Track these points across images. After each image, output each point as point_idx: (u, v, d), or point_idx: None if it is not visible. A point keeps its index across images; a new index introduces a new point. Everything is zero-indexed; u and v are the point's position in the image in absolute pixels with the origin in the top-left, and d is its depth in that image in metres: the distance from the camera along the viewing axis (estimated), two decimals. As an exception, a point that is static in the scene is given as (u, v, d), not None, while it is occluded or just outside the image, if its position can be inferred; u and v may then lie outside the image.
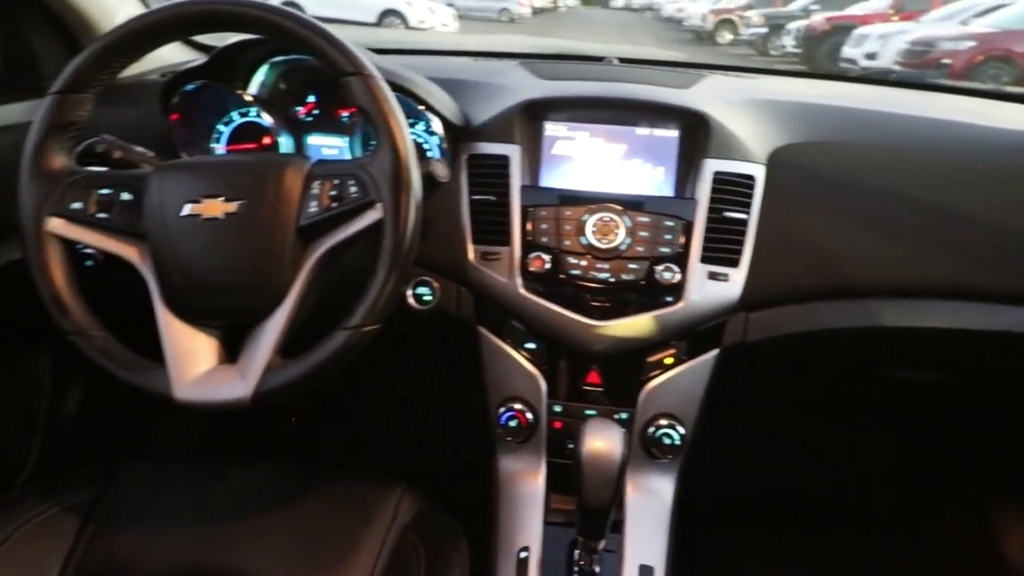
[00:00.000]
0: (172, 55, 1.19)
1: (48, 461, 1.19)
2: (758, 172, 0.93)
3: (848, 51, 7.30)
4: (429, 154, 1.01)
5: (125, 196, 0.75)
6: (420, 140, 1.01)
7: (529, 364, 0.95)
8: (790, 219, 0.92)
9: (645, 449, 0.94)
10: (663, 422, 0.93)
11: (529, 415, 0.95)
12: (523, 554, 0.88)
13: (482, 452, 1.00)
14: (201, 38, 1.26)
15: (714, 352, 0.94)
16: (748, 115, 1.00)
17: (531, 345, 0.95)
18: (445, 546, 0.86)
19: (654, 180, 0.97)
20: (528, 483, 0.96)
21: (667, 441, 0.93)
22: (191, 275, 0.73)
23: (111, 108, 0.80)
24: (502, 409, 0.95)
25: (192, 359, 0.74)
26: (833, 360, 1.07)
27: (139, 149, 0.87)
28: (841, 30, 7.87)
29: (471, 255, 0.93)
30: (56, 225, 0.73)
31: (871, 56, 6.84)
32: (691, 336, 0.93)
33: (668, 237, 0.90)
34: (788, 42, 9.14)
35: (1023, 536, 1.25)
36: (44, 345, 1.17)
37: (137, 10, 1.01)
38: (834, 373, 1.12)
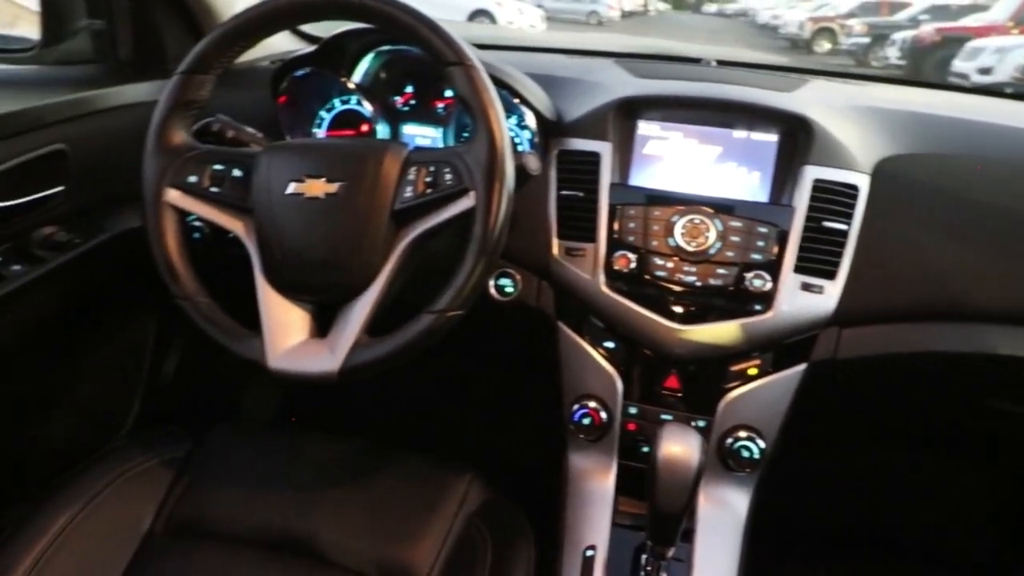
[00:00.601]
0: (281, 44, 1.25)
1: (146, 417, 1.27)
2: (862, 182, 0.88)
3: (959, 64, 6.83)
4: (519, 148, 1.02)
5: (236, 172, 0.79)
6: (512, 134, 1.02)
7: (606, 363, 0.94)
8: (895, 233, 0.88)
9: (721, 460, 0.92)
10: (742, 434, 0.90)
11: (603, 414, 0.94)
12: (589, 552, 0.87)
13: (553, 447, 1.00)
14: (307, 28, 1.33)
15: (801, 367, 0.90)
16: (854, 122, 0.96)
17: (610, 344, 0.94)
18: (511, 536, 0.86)
19: (748, 185, 0.94)
20: (598, 482, 0.95)
21: (745, 454, 0.90)
22: (291, 250, 0.76)
23: (225, 91, 0.85)
24: (576, 406, 0.95)
25: (286, 331, 0.77)
26: (932, 386, 1.00)
27: (250, 130, 0.93)
28: (952, 42, 7.36)
29: (555, 250, 0.93)
30: (173, 196, 0.79)
31: (985, 71, 6.37)
32: (778, 348, 0.90)
33: (761, 244, 0.87)
34: (892, 53, 8.64)
35: None
36: (149, 309, 1.26)
37: (257, -1, 1.06)
38: (932, 400, 1.05)
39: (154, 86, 1.04)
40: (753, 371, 0.91)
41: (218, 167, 0.79)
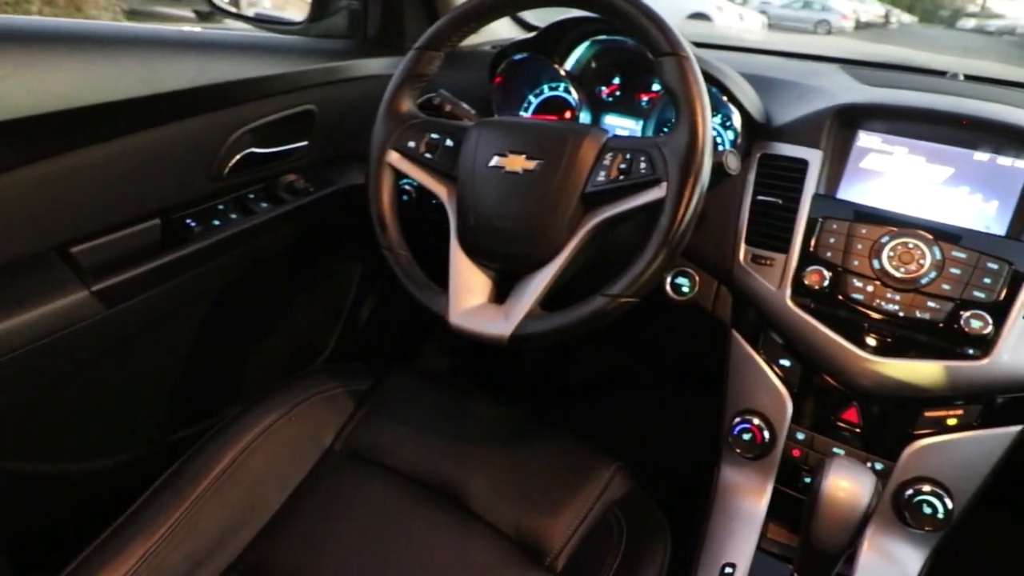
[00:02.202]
0: (502, 32, 1.34)
1: (339, 351, 1.44)
2: None
3: None
4: (719, 147, 0.99)
5: (448, 143, 0.86)
6: (714, 132, 0.99)
7: (779, 381, 0.89)
8: None
9: (897, 511, 0.83)
10: (926, 488, 0.81)
11: (766, 433, 0.89)
12: (728, 570, 0.84)
13: (705, 457, 0.97)
14: (527, 17, 1.40)
15: (1016, 428, 0.78)
16: None
17: (786, 362, 0.89)
18: (648, 534, 0.85)
19: (982, 214, 0.83)
20: (749, 501, 0.91)
21: (927, 510, 0.80)
22: (484, 219, 0.82)
23: (449, 70, 0.93)
24: (737, 419, 0.91)
25: (469, 293, 0.83)
26: None
27: (464, 106, 1.01)
28: None
29: (741, 255, 0.90)
30: (394, 158, 0.88)
31: None
32: (989, 401, 0.79)
33: (987, 281, 0.77)
34: None
35: None
36: (356, 258, 1.42)
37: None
38: None
39: (391, 61, 1.17)
40: (953, 421, 0.80)
41: (434, 136, 0.87)
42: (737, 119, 0.94)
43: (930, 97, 0.90)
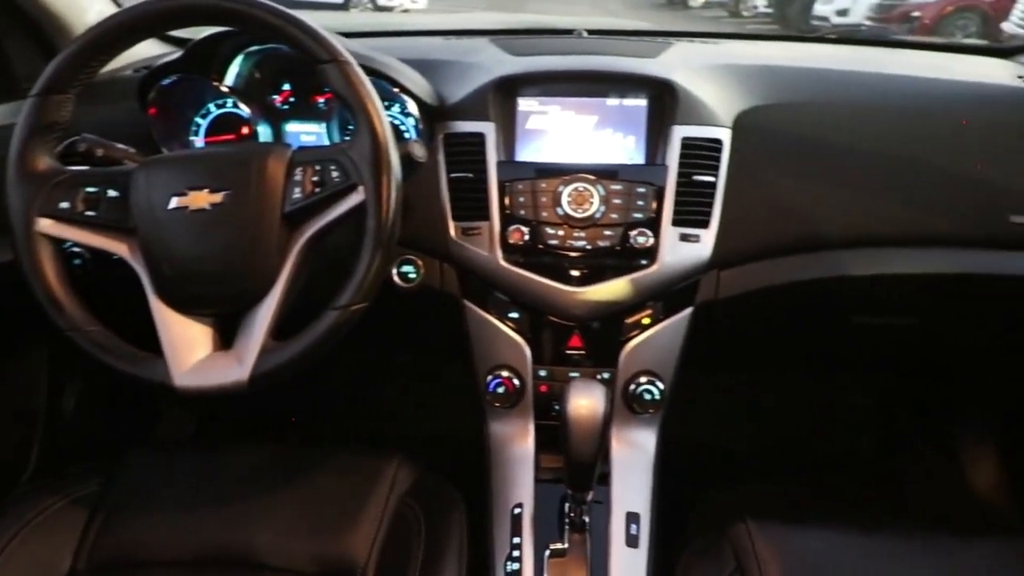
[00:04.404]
0: (145, 50, 1.20)
1: (50, 457, 1.21)
2: (724, 135, 0.96)
3: (820, 8, 7.29)
4: (406, 135, 1.04)
5: (112, 193, 0.77)
6: (396, 122, 1.03)
7: (514, 333, 0.99)
8: (756, 179, 0.96)
9: (627, 405, 0.99)
10: (643, 379, 0.98)
11: (516, 381, 0.99)
12: (517, 510, 0.93)
13: (474, 419, 1.05)
14: (175, 32, 1.27)
15: (688, 310, 0.98)
16: (714, 80, 1.03)
17: (514, 315, 0.99)
18: (443, 509, 0.90)
19: (626, 149, 1.00)
20: (518, 445, 1.00)
21: (648, 397, 0.97)
22: (182, 266, 0.75)
23: (88, 107, 0.81)
24: (490, 377, 1.00)
25: (188, 347, 0.77)
26: (803, 311, 1.12)
27: (120, 146, 0.89)
28: (815, -13, 7.83)
29: (452, 231, 0.96)
30: (46, 225, 0.75)
31: (842, 13, 6.85)
32: (666, 296, 0.97)
33: (640, 203, 0.93)
34: (759, 2, 9.12)
35: (988, 468, 1.32)
36: (38, 344, 1.19)
37: (110, 9, 1.01)
38: (806, 324, 1.17)
39: (5, 109, 0.98)
40: (647, 320, 0.98)
41: (91, 190, 0.76)
42: (413, 106, 0.99)
43: (563, 59, 1.04)
